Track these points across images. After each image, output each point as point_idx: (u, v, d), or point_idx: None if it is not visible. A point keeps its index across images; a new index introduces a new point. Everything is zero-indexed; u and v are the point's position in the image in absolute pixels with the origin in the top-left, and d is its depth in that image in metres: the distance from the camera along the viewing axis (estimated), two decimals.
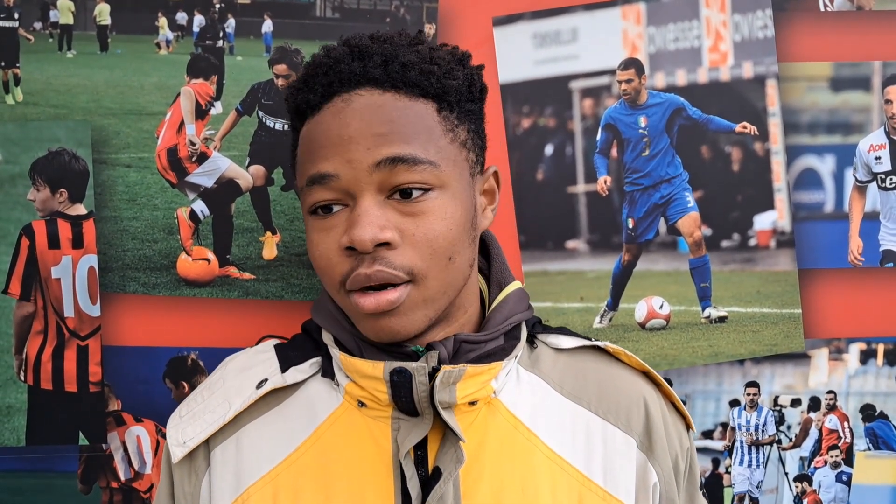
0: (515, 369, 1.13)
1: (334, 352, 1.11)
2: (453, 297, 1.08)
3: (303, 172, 1.06)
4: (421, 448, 1.06)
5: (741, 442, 1.74)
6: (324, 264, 1.05)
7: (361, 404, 1.09)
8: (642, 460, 1.12)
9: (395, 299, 1.01)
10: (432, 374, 1.03)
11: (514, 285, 1.15)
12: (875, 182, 1.73)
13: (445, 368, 1.03)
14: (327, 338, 1.13)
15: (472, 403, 1.07)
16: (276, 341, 1.21)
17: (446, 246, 1.03)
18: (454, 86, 1.07)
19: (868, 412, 1.73)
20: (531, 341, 1.17)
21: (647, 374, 1.19)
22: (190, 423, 1.13)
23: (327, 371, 1.13)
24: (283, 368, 1.13)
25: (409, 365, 1.03)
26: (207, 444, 1.13)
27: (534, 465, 1.08)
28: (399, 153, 1.01)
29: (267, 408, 1.13)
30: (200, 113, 1.68)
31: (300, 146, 1.09)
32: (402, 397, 1.04)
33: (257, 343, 1.26)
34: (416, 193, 1.02)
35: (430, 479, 1.03)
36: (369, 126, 1.02)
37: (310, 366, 1.14)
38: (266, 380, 1.12)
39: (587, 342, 1.18)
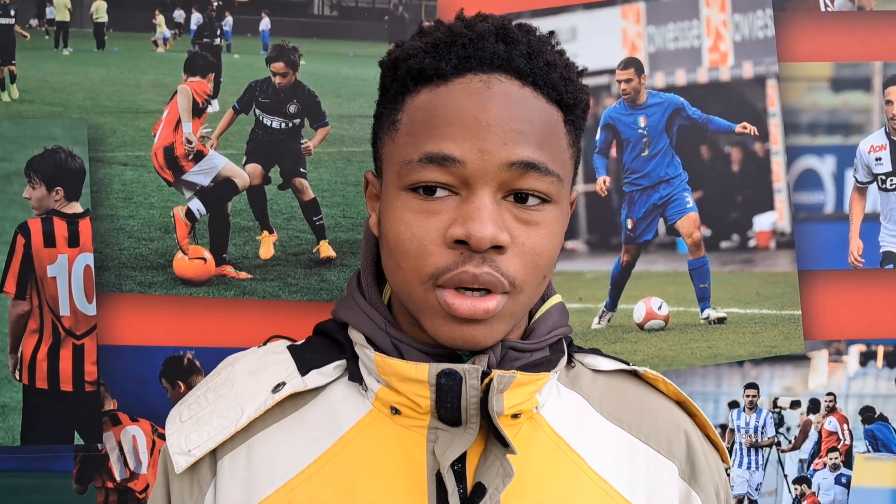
0: (556, 386, 1.06)
1: (367, 352, 1.00)
2: (525, 314, 1.02)
3: (415, 145, 0.94)
4: (458, 463, 0.96)
5: (740, 444, 1.74)
6: (415, 249, 0.93)
7: (395, 412, 0.99)
8: (685, 489, 1.07)
9: (492, 308, 0.93)
10: (481, 380, 0.95)
11: (556, 298, 1.08)
12: (875, 183, 1.72)
13: (497, 373, 0.94)
14: (357, 337, 1.02)
15: (516, 416, 0.99)
16: (287, 342, 1.10)
17: (547, 263, 0.96)
18: (583, 100, 1.01)
19: (868, 414, 1.72)
20: (569, 360, 1.10)
21: (682, 404, 1.13)
22: (194, 429, 1.02)
23: (354, 374, 1.02)
24: (303, 371, 1.02)
25: (461, 367, 0.94)
26: (214, 454, 1.02)
27: (577, 487, 1.01)
28: (536, 159, 0.93)
29: (283, 414, 1.02)
30: (197, 111, 1.67)
31: (412, 113, 0.96)
32: (448, 403, 0.94)
33: (264, 343, 1.15)
34: (532, 202, 0.94)
35: (471, 497, 0.94)
36: (509, 119, 0.93)
37: (333, 369, 1.03)
38: (283, 383, 1.01)
39: (625, 366, 1.12)
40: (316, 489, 0.97)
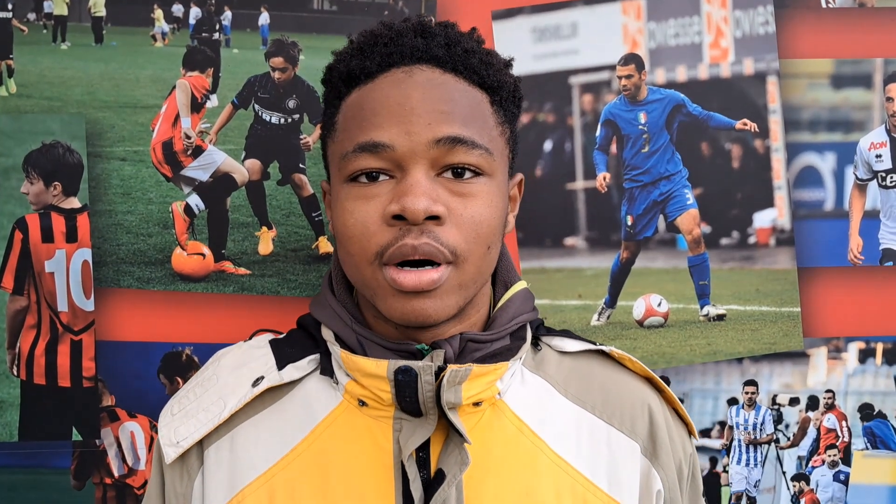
0: (520, 371, 1.12)
1: (335, 349, 1.08)
2: (479, 290, 1.07)
3: (349, 139, 1.03)
4: (423, 450, 1.04)
5: (739, 441, 1.74)
6: (359, 233, 1.01)
7: (362, 403, 1.06)
8: (646, 466, 1.11)
9: (437, 279, 0.99)
10: (437, 374, 1.01)
11: (520, 285, 1.14)
12: (875, 180, 1.72)
13: (451, 368, 1.01)
14: (327, 334, 1.10)
15: (477, 404, 1.06)
16: (270, 336, 1.18)
17: (488, 233, 1.03)
18: (508, 83, 1.09)
19: (866, 411, 1.72)
20: (535, 343, 1.16)
21: (650, 381, 1.18)
22: (183, 421, 1.10)
23: (326, 369, 1.10)
24: (280, 366, 1.10)
25: (415, 364, 1.01)
26: (201, 444, 1.10)
27: (538, 470, 1.07)
28: (460, 133, 1.01)
29: (262, 406, 1.10)
30: (196, 106, 1.66)
31: (346, 112, 1.06)
32: (407, 397, 1.01)
33: (250, 337, 1.22)
34: (467, 175, 1.02)
35: (432, 482, 1.01)
36: (431, 101, 1.01)
37: (307, 363, 1.11)
38: (262, 377, 1.09)
39: (592, 346, 1.17)
40: (293, 476, 1.05)
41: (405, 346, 1.05)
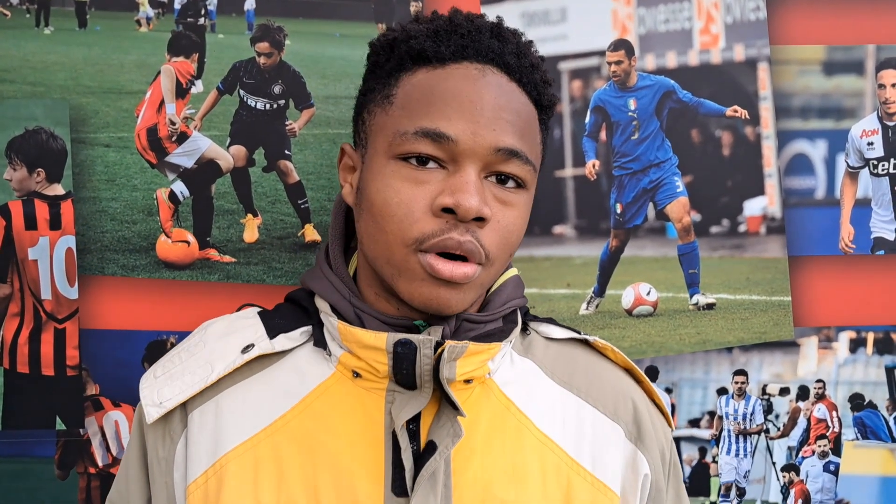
0: (510, 353, 1.14)
1: (331, 320, 1.08)
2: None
3: (410, 119, 1.02)
4: (413, 422, 1.05)
5: (728, 431, 1.73)
6: (402, 214, 1.01)
7: (356, 375, 1.07)
8: (631, 450, 1.14)
9: (470, 274, 1.02)
10: (434, 349, 1.03)
11: (512, 272, 1.17)
12: (867, 168, 1.71)
13: (450, 343, 1.03)
14: (323, 305, 1.10)
15: (468, 382, 1.08)
16: (258, 309, 1.18)
17: (515, 243, 1.06)
18: (554, 105, 1.12)
19: (857, 401, 1.72)
20: (524, 329, 1.18)
21: (630, 372, 1.20)
22: (167, 383, 1.10)
23: (319, 340, 1.10)
24: (271, 335, 1.10)
25: (416, 337, 1.03)
26: (185, 407, 1.10)
27: (524, 446, 1.09)
28: (519, 147, 1.03)
29: (251, 373, 1.10)
30: (181, 92, 1.65)
31: (409, 90, 1.04)
32: (404, 369, 1.03)
33: (237, 310, 1.22)
34: (510, 184, 1.04)
35: (423, 453, 1.03)
36: (500, 108, 1.03)
37: (300, 334, 1.11)
38: (252, 345, 1.10)
39: (576, 335, 1.20)
40: (279, 444, 1.06)
41: (403, 322, 1.07)
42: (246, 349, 1.09)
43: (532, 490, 1.07)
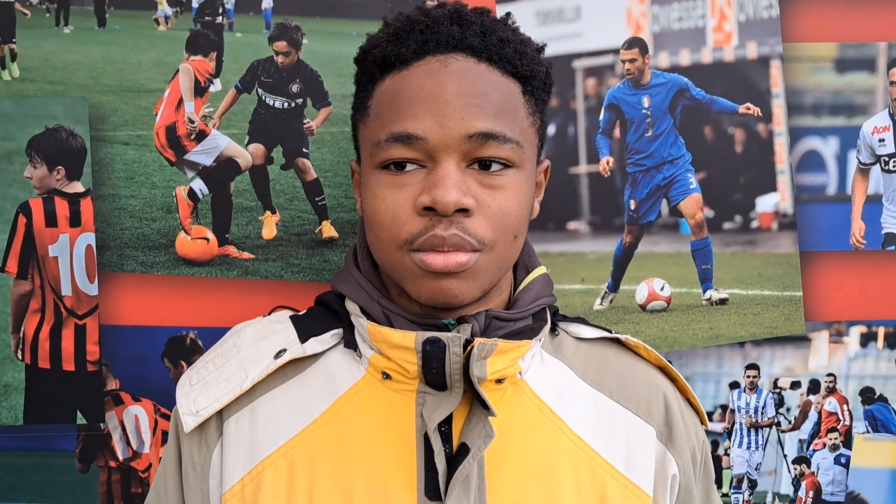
0: (540, 353, 1.13)
1: (361, 321, 1.08)
2: (503, 275, 1.09)
3: (381, 127, 1.03)
4: (445, 424, 1.04)
5: (740, 424, 1.74)
6: (389, 220, 1.02)
7: (386, 376, 1.07)
8: (661, 451, 1.13)
9: (464, 262, 1.01)
10: (464, 348, 1.02)
11: (540, 270, 1.16)
12: (878, 164, 1.72)
13: (479, 340, 1.02)
14: (352, 307, 1.11)
15: (499, 382, 1.06)
16: (290, 312, 1.18)
17: (515, 223, 1.04)
18: (540, 72, 1.09)
19: (867, 395, 1.73)
20: (553, 328, 1.17)
21: (663, 369, 1.19)
22: (202, 391, 1.10)
23: (350, 342, 1.11)
24: (303, 339, 1.11)
25: (444, 335, 1.02)
26: (220, 415, 1.10)
27: (558, 448, 1.07)
28: (493, 129, 1.01)
29: (284, 378, 1.10)
30: (199, 90, 1.66)
31: (379, 98, 1.06)
32: (433, 368, 1.02)
33: (270, 313, 1.22)
34: (495, 167, 1.03)
35: (456, 456, 1.02)
36: (465, 94, 1.01)
37: (330, 337, 1.12)
38: (285, 350, 1.10)
39: (608, 334, 1.18)
40: (314, 448, 1.06)
41: (431, 321, 1.07)
42: (279, 354, 1.10)
43: (566, 493, 1.06)
